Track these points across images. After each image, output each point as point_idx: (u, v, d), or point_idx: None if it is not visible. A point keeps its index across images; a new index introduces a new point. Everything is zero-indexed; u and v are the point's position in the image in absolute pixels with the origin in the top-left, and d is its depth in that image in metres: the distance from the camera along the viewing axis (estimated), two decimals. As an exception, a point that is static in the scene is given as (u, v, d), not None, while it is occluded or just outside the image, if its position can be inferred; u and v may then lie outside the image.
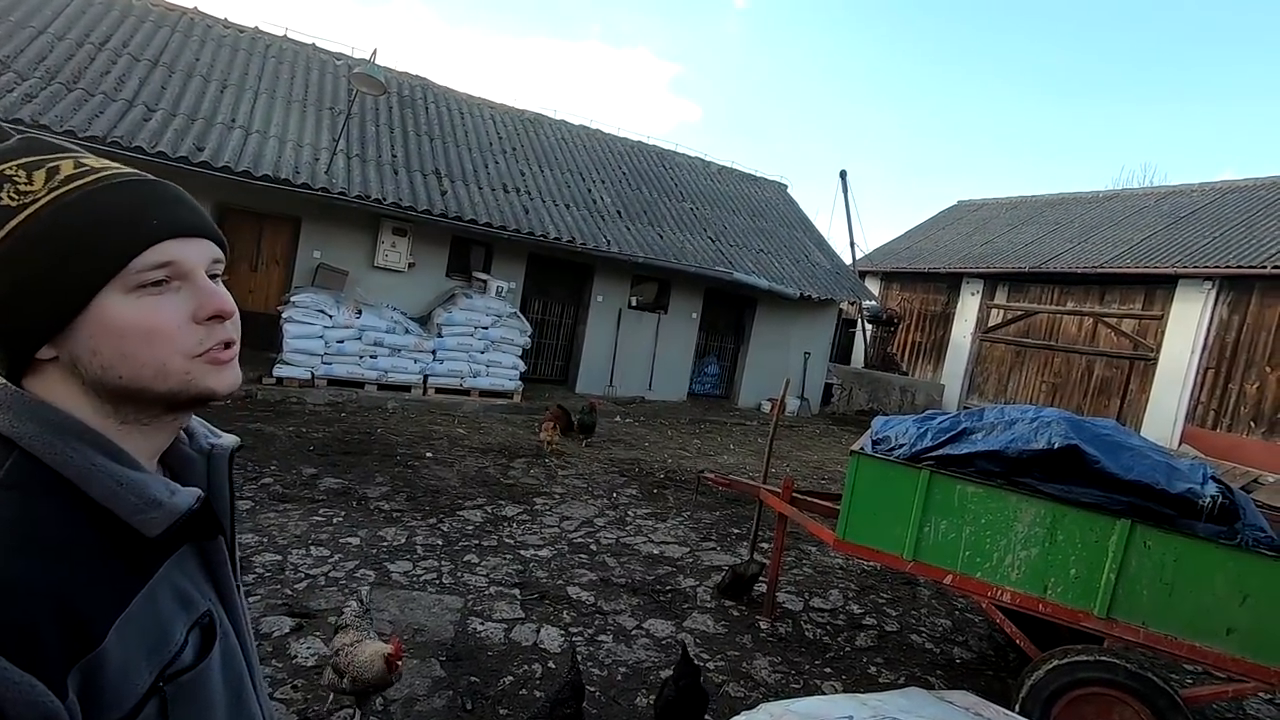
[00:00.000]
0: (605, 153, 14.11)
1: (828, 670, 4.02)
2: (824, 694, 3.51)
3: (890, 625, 4.81)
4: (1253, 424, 11.54)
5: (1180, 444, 11.98)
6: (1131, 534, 3.10)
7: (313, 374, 8.78)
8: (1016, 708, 3.16)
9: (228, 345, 0.73)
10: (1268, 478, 10.66)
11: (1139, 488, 3.18)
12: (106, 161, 0.72)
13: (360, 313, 9.03)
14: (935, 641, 4.68)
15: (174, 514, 0.67)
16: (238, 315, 0.75)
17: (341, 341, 8.87)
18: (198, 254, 0.72)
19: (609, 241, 11.22)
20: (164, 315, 0.67)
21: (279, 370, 8.60)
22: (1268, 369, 11.45)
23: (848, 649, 4.35)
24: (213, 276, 0.73)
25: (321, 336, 8.72)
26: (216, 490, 0.81)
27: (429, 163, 10.73)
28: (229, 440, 0.89)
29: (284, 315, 8.58)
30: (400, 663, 2.72)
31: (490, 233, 10.16)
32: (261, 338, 9.78)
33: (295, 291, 8.90)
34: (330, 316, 8.73)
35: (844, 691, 3.70)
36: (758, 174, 16.89)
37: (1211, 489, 3.16)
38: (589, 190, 12.49)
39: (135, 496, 0.65)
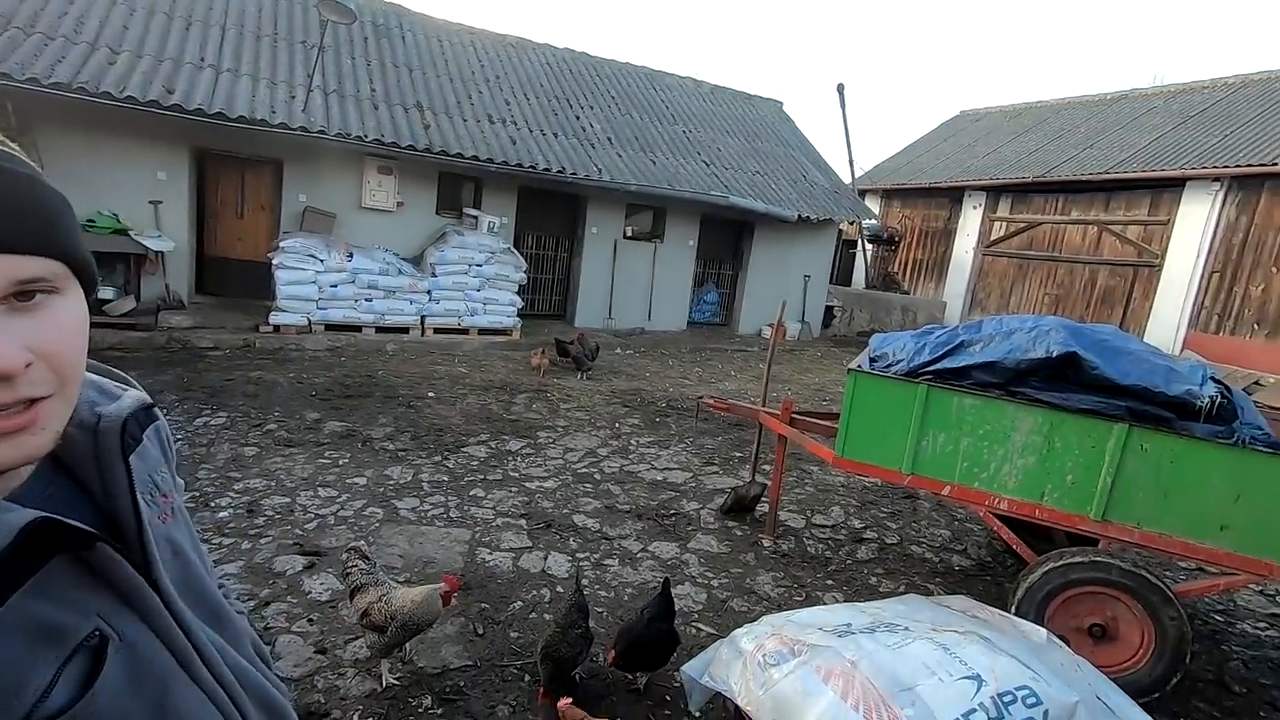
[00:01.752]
0: (592, 76, 13.58)
1: (829, 583, 4.14)
2: (825, 605, 3.61)
3: (891, 538, 4.92)
4: (1256, 326, 11.49)
5: (1183, 350, 11.96)
6: (1129, 438, 3.11)
7: (309, 320, 8.74)
8: (1013, 609, 3.25)
9: (11, 407, 0.55)
10: (1269, 379, 10.69)
11: (1137, 392, 3.16)
12: None
13: (351, 256, 8.91)
14: (934, 551, 4.79)
15: None
16: (49, 361, 0.57)
17: (335, 286, 8.78)
18: None
19: (600, 170, 10.93)
20: None
21: (275, 318, 8.55)
22: (1274, 269, 11.30)
23: (849, 562, 4.46)
24: (22, 297, 0.56)
25: (314, 282, 8.63)
26: (107, 472, 0.67)
27: (409, 96, 10.34)
28: (126, 404, 0.73)
29: (275, 262, 8.46)
30: (454, 598, 2.80)
31: (478, 166, 9.89)
32: (255, 286, 9.70)
33: (284, 237, 8.75)
34: (321, 261, 8.61)
35: (845, 602, 3.80)
36: (752, 93, 16.29)
37: (1210, 389, 3.14)
38: (577, 117, 12.08)
39: None
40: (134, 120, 8.07)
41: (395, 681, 2.80)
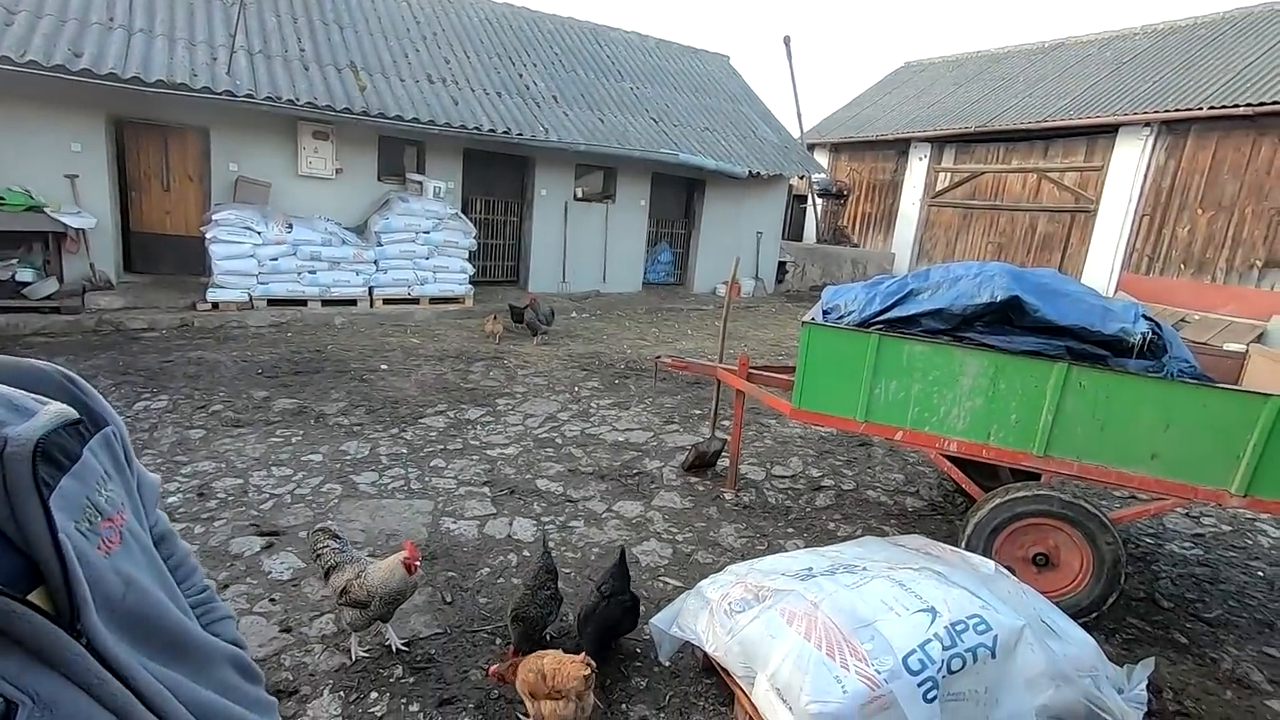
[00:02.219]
0: (534, 32, 13.14)
1: (790, 530, 4.26)
2: (786, 552, 3.72)
3: (847, 484, 5.07)
4: (1183, 266, 12.05)
5: (1116, 292, 12.49)
6: (1068, 376, 3.24)
7: (250, 295, 8.40)
8: (963, 545, 3.40)
9: None
10: (1194, 316, 11.27)
11: (1075, 331, 3.29)
12: None
13: (291, 227, 8.55)
14: (889, 494, 4.97)
15: None
16: None
17: (275, 259, 8.43)
18: None
19: (547, 130, 10.67)
20: None
21: (213, 294, 8.20)
22: (1199, 211, 11.82)
23: (808, 510, 4.59)
24: None
25: (253, 255, 8.27)
26: (19, 506, 0.58)
27: (342, 55, 9.84)
28: (40, 422, 0.62)
29: (208, 236, 8.07)
30: (418, 564, 2.76)
31: (419, 129, 9.54)
32: (188, 262, 9.26)
33: (216, 209, 8.33)
34: (259, 233, 8.25)
35: (805, 548, 3.93)
36: (698, 48, 16.03)
37: (1142, 327, 3.29)
38: (520, 75, 11.72)
39: None
40: (40, 87, 7.50)
41: (365, 654, 2.79)
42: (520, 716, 2.46)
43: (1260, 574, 4.22)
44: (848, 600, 2.43)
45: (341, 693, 2.58)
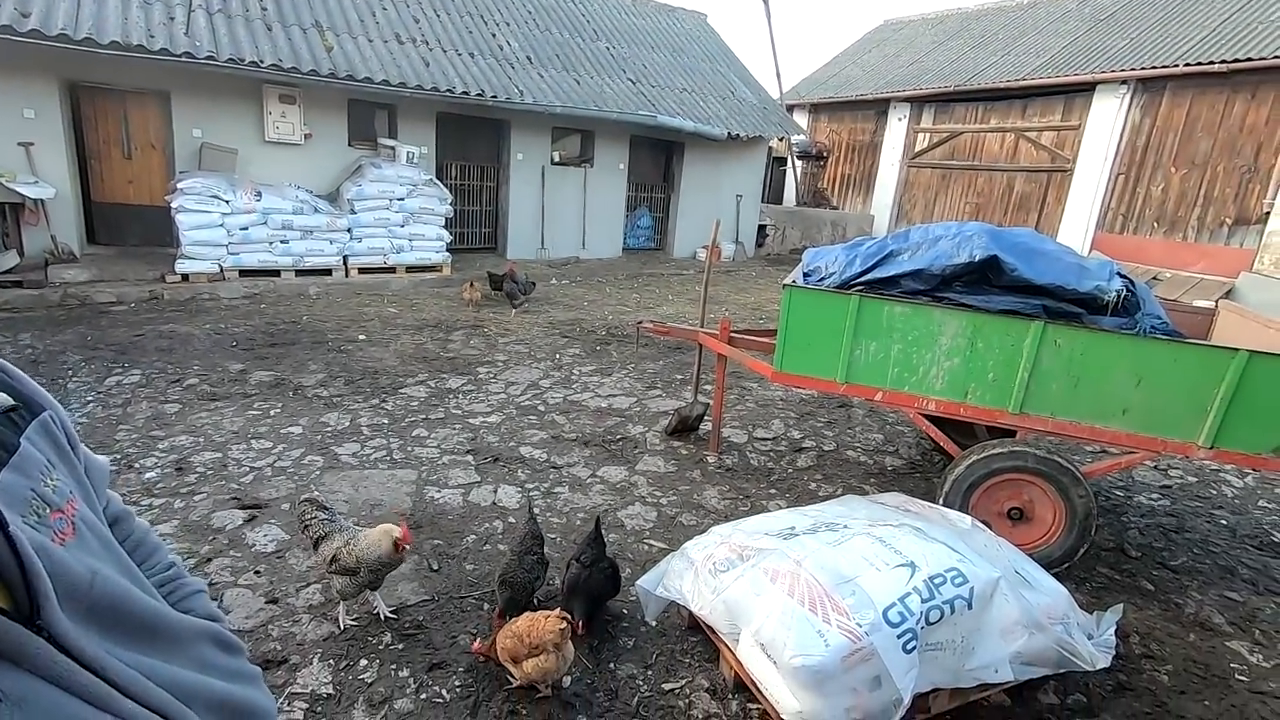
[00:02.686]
0: (506, -11, 12.71)
1: (772, 491, 4.32)
2: (769, 512, 3.78)
3: (828, 445, 5.14)
4: (1156, 224, 12.20)
5: (1091, 251, 12.63)
6: (1044, 335, 3.29)
7: (220, 266, 8.21)
8: (940, 501, 3.48)
9: None
10: (1166, 274, 11.46)
11: (1052, 290, 3.33)
12: None
13: (260, 195, 8.32)
14: (869, 454, 5.05)
15: None
16: None
17: (245, 228, 8.22)
18: None
19: (522, 92, 10.42)
20: None
21: (182, 266, 7.99)
22: (1172, 169, 11.93)
23: (790, 471, 4.65)
24: None
25: (222, 225, 8.05)
26: None
27: (306, 14, 9.47)
28: None
29: (174, 205, 7.83)
30: (409, 545, 2.74)
31: (390, 92, 9.26)
32: (154, 233, 9.01)
33: (181, 177, 8.06)
34: (227, 202, 8.01)
35: (788, 508, 3.99)
36: (675, 5, 15.65)
37: (1117, 284, 3.34)
38: (494, 35, 11.38)
39: None
40: (-14, 50, 7.14)
41: (353, 623, 2.80)
42: (510, 679, 2.50)
43: (1223, 522, 4.38)
44: (829, 557, 2.48)
45: (331, 660, 2.60)
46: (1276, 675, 2.96)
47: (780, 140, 16.08)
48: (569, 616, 2.42)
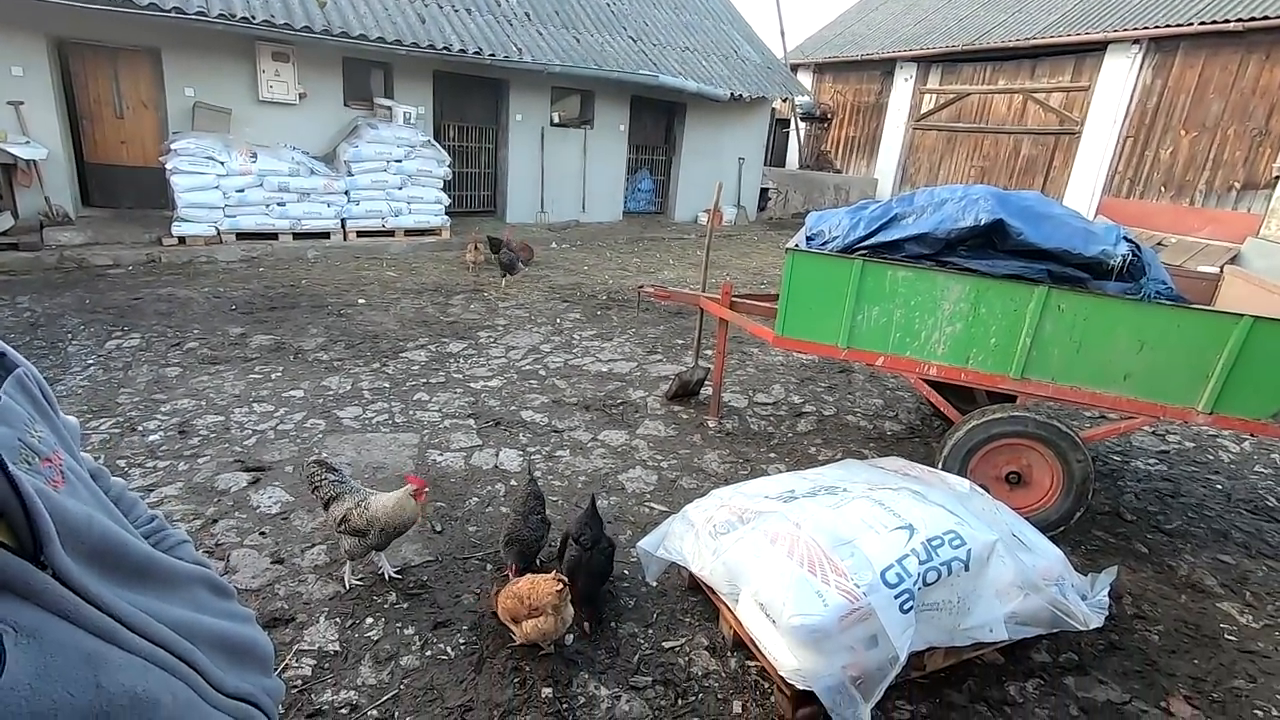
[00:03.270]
0: (503, -58, 12.33)
1: (772, 455, 4.35)
2: (769, 476, 3.81)
3: (828, 410, 5.16)
4: (1163, 189, 12.04)
5: (1096, 215, 12.50)
6: (1047, 299, 3.27)
7: (217, 229, 8.13)
8: (940, 465, 3.50)
9: None
10: (1171, 239, 11.35)
11: (1057, 254, 3.30)
12: None
13: (255, 156, 8.19)
14: (869, 419, 5.07)
15: None
16: None
17: (241, 190, 8.12)
18: None
19: (521, 51, 10.18)
20: None
21: (178, 229, 7.91)
22: (1182, 132, 11.73)
23: (790, 435, 4.68)
24: None
25: (217, 187, 7.95)
26: None
27: (297, -32, 9.19)
28: None
29: (168, 167, 7.71)
30: (426, 490, 2.81)
31: (386, 50, 9.05)
32: (149, 195, 8.91)
33: (174, 138, 7.94)
34: (222, 164, 7.90)
35: (788, 472, 4.02)
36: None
37: (1123, 249, 3.30)
38: (490, -10, 11.07)
39: None
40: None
41: (358, 583, 2.85)
42: (513, 639, 2.55)
43: (1219, 487, 4.42)
44: (829, 520, 2.50)
45: (337, 619, 2.65)
46: (1265, 635, 3.02)
47: (784, 101, 15.78)
48: (566, 580, 2.46)
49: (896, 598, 2.22)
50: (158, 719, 0.63)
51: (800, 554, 2.35)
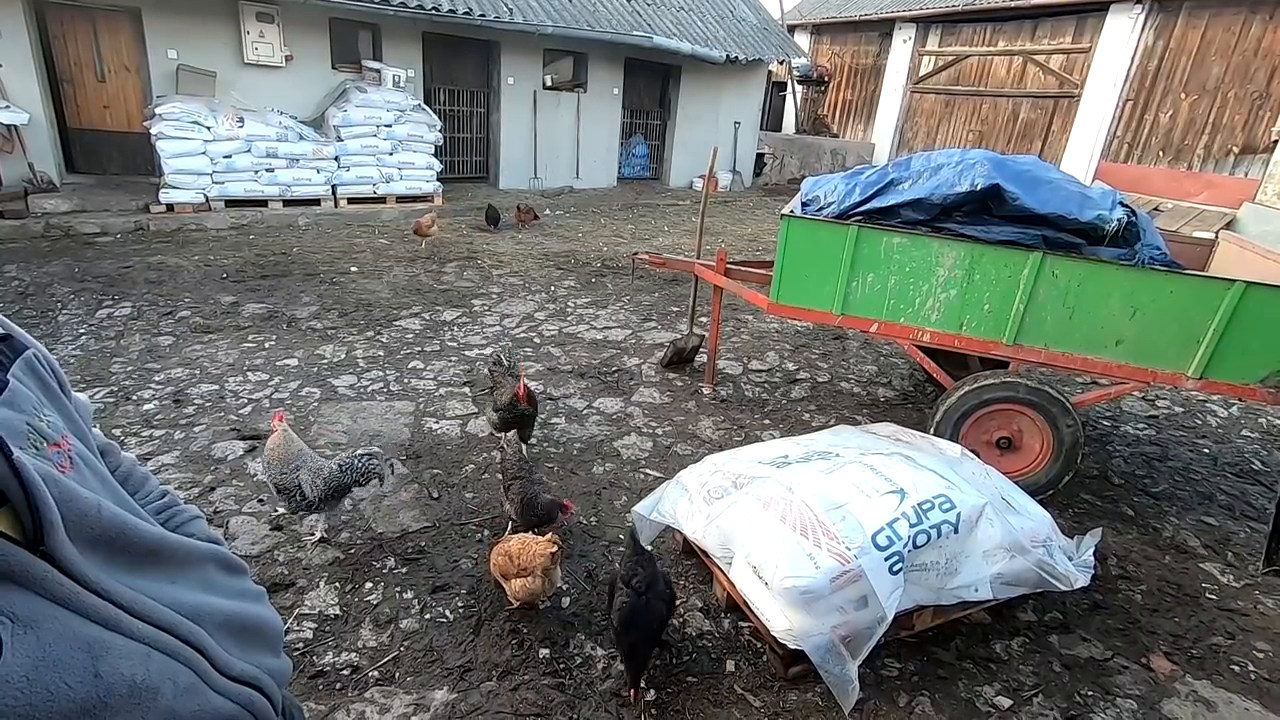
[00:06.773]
0: (492, -104, 11.94)
1: (766, 422, 4.38)
2: (763, 442, 3.84)
3: (822, 376, 5.18)
4: (1161, 153, 11.95)
5: (1093, 180, 12.41)
6: (1042, 265, 3.26)
7: (206, 196, 8.01)
8: (931, 431, 3.54)
9: None
10: (1168, 204, 11.30)
11: (1053, 220, 3.28)
12: None
13: (242, 121, 8.04)
14: (862, 385, 5.10)
15: None
16: None
17: (229, 157, 7.99)
18: None
19: (512, 11, 9.94)
20: None
21: (166, 195, 7.80)
22: (1182, 95, 11.59)
23: (784, 402, 4.71)
24: None
25: (204, 152, 7.81)
26: None
27: (280, -76, 8.89)
28: None
29: (154, 132, 7.57)
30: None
31: (373, 10, 8.83)
32: (135, 161, 8.76)
33: (159, 102, 7.77)
34: (208, 129, 7.75)
35: (781, 438, 4.06)
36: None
37: (1119, 213, 3.29)
38: (479, -53, 10.75)
39: None
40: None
41: (358, 544, 2.88)
42: (510, 604, 2.60)
43: (1205, 451, 4.48)
44: (821, 485, 2.53)
45: (337, 584, 2.69)
46: (1245, 594, 3.10)
47: (780, 64, 15.50)
48: (560, 542, 2.49)
49: (886, 560, 2.27)
50: (157, 706, 0.63)
51: (793, 518, 2.39)
